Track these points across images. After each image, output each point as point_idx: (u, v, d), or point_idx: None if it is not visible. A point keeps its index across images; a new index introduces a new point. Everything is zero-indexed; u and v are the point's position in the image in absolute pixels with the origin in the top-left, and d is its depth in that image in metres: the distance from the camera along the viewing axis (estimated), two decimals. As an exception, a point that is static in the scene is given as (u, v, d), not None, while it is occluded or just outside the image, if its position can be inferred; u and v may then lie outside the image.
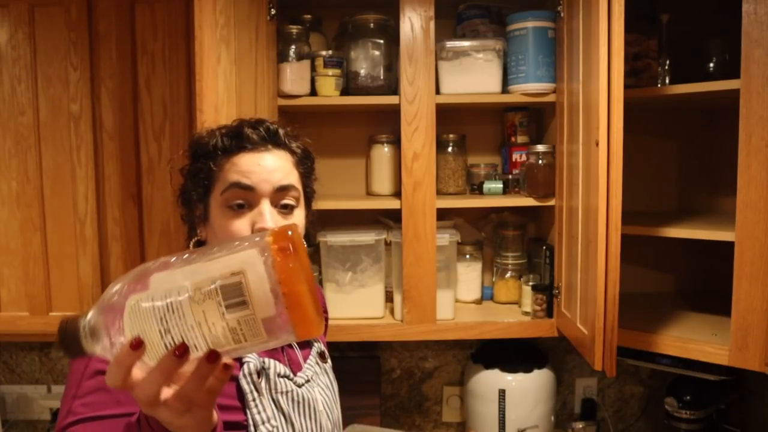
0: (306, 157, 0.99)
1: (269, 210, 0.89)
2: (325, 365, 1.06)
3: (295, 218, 0.93)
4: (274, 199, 0.90)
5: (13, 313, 1.59)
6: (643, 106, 1.66)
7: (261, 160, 0.90)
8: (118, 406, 0.76)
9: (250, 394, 0.88)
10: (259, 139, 0.92)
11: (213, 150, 0.91)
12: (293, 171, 0.94)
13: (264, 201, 0.89)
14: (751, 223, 1.21)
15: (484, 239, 1.85)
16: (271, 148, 0.92)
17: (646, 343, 1.42)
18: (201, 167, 0.92)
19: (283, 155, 0.94)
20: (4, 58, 1.53)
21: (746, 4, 1.19)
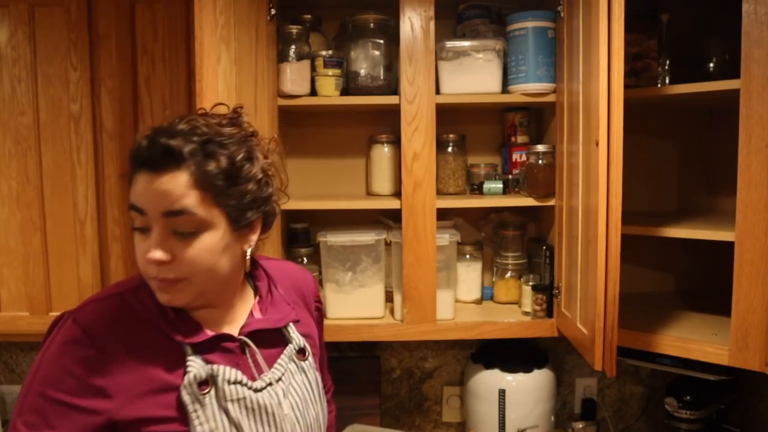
0: (224, 174, 0.85)
1: (157, 240, 0.83)
2: (303, 363, 1.00)
3: (199, 243, 0.84)
4: (169, 225, 0.83)
5: (13, 313, 1.59)
6: (643, 106, 1.66)
7: (151, 182, 0.82)
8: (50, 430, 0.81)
9: (191, 406, 0.85)
10: (151, 156, 0.83)
11: (129, 162, 0.87)
12: (190, 193, 0.82)
13: (155, 226, 0.83)
14: (751, 223, 1.21)
15: (484, 239, 1.85)
16: (166, 168, 0.82)
17: (646, 343, 1.42)
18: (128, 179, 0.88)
19: (179, 176, 0.82)
20: (4, 58, 1.53)
21: (746, 4, 1.19)
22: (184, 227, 0.83)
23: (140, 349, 0.86)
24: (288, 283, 1.08)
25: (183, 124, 0.86)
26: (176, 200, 0.82)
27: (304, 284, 1.12)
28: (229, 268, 0.90)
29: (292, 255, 1.75)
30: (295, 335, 1.00)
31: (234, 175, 0.86)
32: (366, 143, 1.80)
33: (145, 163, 0.83)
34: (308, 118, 1.84)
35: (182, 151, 0.82)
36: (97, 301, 0.89)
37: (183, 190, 0.82)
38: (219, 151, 0.85)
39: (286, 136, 1.80)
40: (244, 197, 0.88)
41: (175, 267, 0.84)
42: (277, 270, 1.07)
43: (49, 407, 0.82)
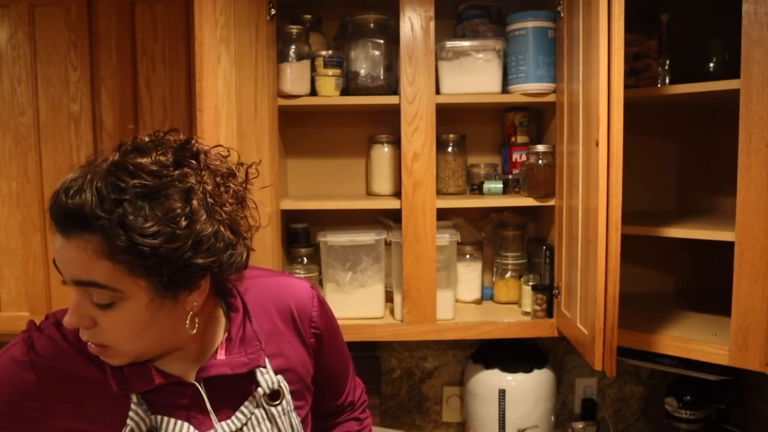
0: (140, 246, 0.69)
1: (73, 305, 0.75)
2: (273, 408, 0.88)
3: (117, 313, 0.74)
4: (84, 292, 0.75)
5: (13, 313, 1.59)
6: (643, 106, 1.66)
7: (61, 246, 0.73)
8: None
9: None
10: (56, 217, 0.71)
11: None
12: (99, 264, 0.71)
13: (73, 291, 0.75)
14: (751, 223, 1.21)
15: (484, 239, 1.85)
16: (72, 233, 0.71)
17: (646, 343, 1.42)
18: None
19: (86, 243, 0.70)
20: (4, 58, 1.53)
21: (746, 4, 1.19)
22: (97, 298, 0.73)
23: (84, 387, 0.81)
24: (273, 308, 0.94)
25: (105, 175, 0.71)
26: (83, 271, 0.72)
27: (296, 307, 0.96)
28: (167, 332, 0.79)
29: (292, 255, 1.75)
30: (266, 377, 0.88)
31: (157, 245, 0.70)
32: (366, 143, 1.80)
33: (55, 223, 0.72)
34: (308, 118, 1.84)
35: (88, 215, 0.69)
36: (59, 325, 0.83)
37: (89, 261, 0.71)
38: (137, 217, 0.69)
39: (286, 136, 1.80)
40: (174, 265, 0.72)
41: (97, 333, 0.76)
42: (263, 292, 0.94)
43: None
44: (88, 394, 0.82)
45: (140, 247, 0.69)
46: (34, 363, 0.81)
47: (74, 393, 0.81)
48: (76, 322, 0.75)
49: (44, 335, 0.83)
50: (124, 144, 0.75)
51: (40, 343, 0.82)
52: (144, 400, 0.82)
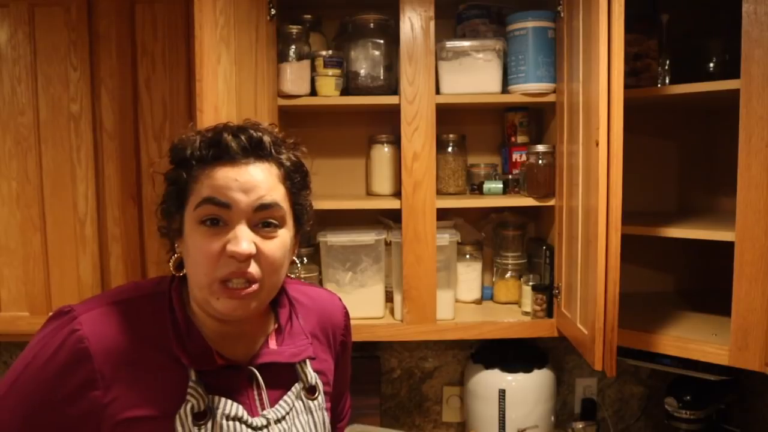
0: (296, 170, 0.89)
1: (245, 233, 0.80)
2: (311, 402, 0.93)
3: (278, 239, 0.84)
4: (253, 219, 0.82)
5: (13, 313, 1.59)
6: (643, 106, 1.66)
7: (240, 175, 0.81)
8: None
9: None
10: (239, 149, 0.82)
11: (189, 158, 0.82)
12: (278, 187, 0.85)
13: (241, 221, 0.81)
14: (751, 223, 1.21)
15: (484, 239, 1.85)
16: (253, 161, 0.83)
17: (646, 343, 1.42)
18: (177, 176, 0.84)
19: (267, 168, 0.84)
20: (4, 58, 1.53)
21: (746, 4, 1.19)
22: (272, 220, 0.83)
23: (142, 367, 0.82)
24: (313, 313, 1.01)
25: (249, 125, 0.86)
26: (269, 192, 0.82)
27: (331, 316, 1.04)
28: (284, 273, 0.88)
29: (292, 255, 1.75)
30: (308, 371, 0.94)
31: (305, 176, 0.91)
32: (366, 143, 1.80)
33: (232, 156, 0.81)
34: (308, 118, 1.84)
35: (270, 144, 0.85)
36: (105, 306, 0.84)
37: (274, 182, 0.84)
38: (293, 151, 0.90)
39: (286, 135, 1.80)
40: (307, 200, 0.92)
41: (253, 264, 0.81)
42: (304, 297, 1.01)
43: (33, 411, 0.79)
44: (144, 376, 0.82)
45: (300, 175, 0.89)
46: (91, 351, 0.79)
47: (131, 377, 0.81)
48: (248, 247, 0.79)
49: (92, 322, 0.81)
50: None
51: (91, 330, 0.80)
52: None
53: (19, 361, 0.82)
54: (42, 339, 0.82)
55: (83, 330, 0.80)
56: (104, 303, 0.84)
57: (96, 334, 0.80)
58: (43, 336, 0.82)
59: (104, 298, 0.86)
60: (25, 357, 0.82)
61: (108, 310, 0.83)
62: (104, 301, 0.85)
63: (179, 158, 0.84)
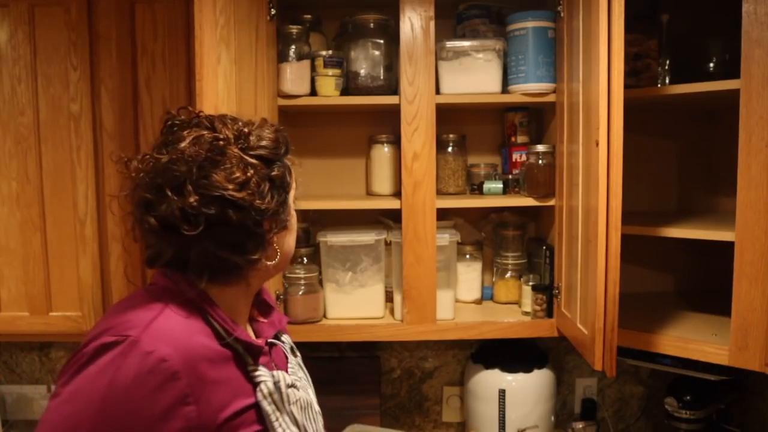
0: None
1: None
2: (297, 359, 1.02)
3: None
4: None
5: (13, 313, 1.59)
6: (643, 106, 1.66)
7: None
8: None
9: (273, 415, 0.84)
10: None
11: (286, 152, 0.91)
12: None
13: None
14: (751, 223, 1.21)
15: (484, 239, 1.85)
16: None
17: (646, 343, 1.42)
18: (285, 169, 0.89)
19: None
20: (4, 58, 1.53)
21: (746, 4, 1.19)
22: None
23: (213, 366, 0.80)
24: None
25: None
26: None
27: (266, 289, 1.08)
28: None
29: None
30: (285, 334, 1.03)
31: None
32: (366, 143, 1.80)
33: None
34: (308, 118, 1.84)
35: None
36: (158, 317, 0.78)
37: None
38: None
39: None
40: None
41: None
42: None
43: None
44: (217, 374, 0.80)
45: None
46: (175, 368, 0.74)
47: (210, 379, 0.79)
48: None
49: (158, 338, 0.76)
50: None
51: (166, 346, 0.75)
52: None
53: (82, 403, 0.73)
54: (108, 375, 0.73)
55: (157, 350, 0.74)
56: (151, 319, 0.78)
57: (171, 348, 0.75)
58: (107, 371, 0.73)
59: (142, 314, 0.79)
60: (93, 397, 0.72)
61: (162, 323, 0.78)
62: (148, 317, 0.78)
63: (281, 152, 0.89)
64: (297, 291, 1.63)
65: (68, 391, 0.74)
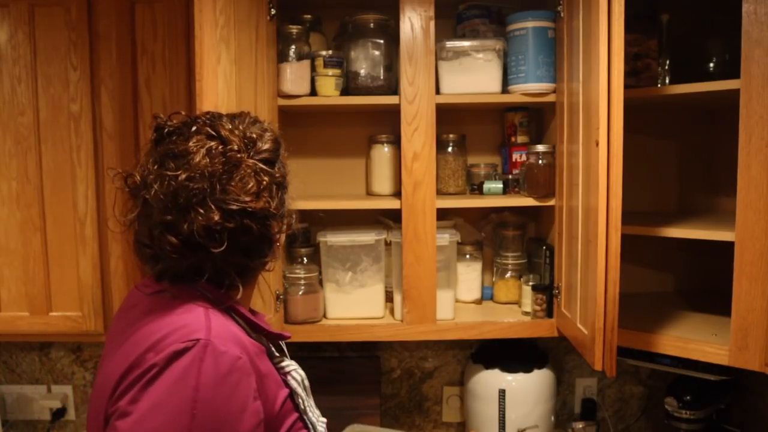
0: None
1: None
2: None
3: None
4: None
5: (13, 313, 1.59)
6: (643, 106, 1.66)
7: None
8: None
9: (306, 401, 0.89)
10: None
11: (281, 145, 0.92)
12: None
13: None
14: (751, 223, 1.21)
15: (484, 239, 1.85)
16: None
17: (646, 343, 1.42)
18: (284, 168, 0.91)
19: None
20: (4, 58, 1.53)
21: (746, 4, 1.19)
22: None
23: (262, 363, 0.82)
24: None
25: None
26: None
27: None
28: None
29: (292, 255, 1.75)
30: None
31: None
32: (366, 143, 1.80)
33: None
34: (308, 118, 1.84)
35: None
36: (211, 319, 0.78)
37: None
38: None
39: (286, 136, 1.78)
40: None
41: None
42: None
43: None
44: (266, 369, 0.83)
45: None
46: (248, 365, 0.76)
47: (264, 373, 0.81)
48: None
49: (222, 336, 0.76)
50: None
51: (234, 345, 0.76)
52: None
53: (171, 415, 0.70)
54: (191, 380, 0.71)
55: (231, 348, 0.75)
56: (207, 321, 0.77)
57: (236, 345, 0.76)
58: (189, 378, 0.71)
59: (196, 317, 0.78)
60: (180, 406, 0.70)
61: (216, 324, 0.78)
62: (205, 320, 0.77)
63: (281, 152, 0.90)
64: (297, 291, 1.63)
65: (145, 406, 0.70)
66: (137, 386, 0.71)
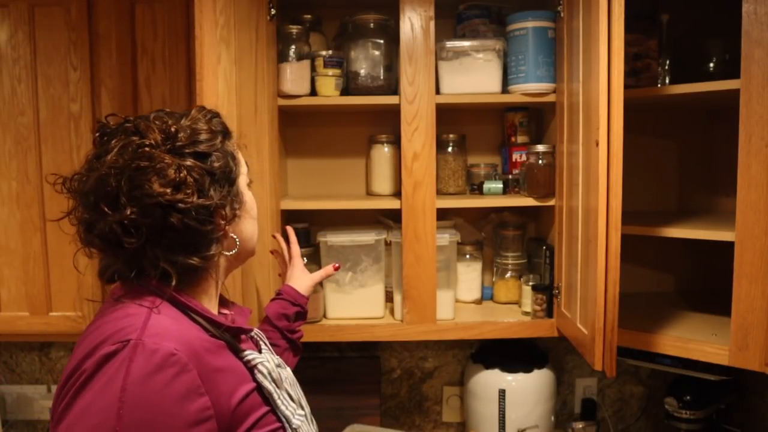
0: None
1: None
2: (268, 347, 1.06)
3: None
4: None
5: (13, 313, 1.59)
6: (643, 106, 1.66)
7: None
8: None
9: (276, 393, 0.86)
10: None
11: (226, 136, 0.90)
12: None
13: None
14: (751, 223, 1.21)
15: (484, 239, 1.85)
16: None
17: (646, 343, 1.42)
18: (228, 157, 0.88)
19: None
20: (4, 58, 1.53)
21: (746, 4, 1.19)
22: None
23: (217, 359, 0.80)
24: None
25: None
26: None
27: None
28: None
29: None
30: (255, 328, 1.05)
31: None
32: (366, 143, 1.80)
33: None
34: (308, 118, 1.84)
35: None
36: (151, 319, 0.77)
37: None
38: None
39: (286, 136, 1.80)
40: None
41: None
42: None
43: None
44: (217, 362, 0.80)
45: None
46: (185, 360, 0.74)
47: (212, 368, 0.78)
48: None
49: (158, 335, 0.75)
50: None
51: (169, 342, 0.74)
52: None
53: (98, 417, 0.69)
54: (118, 381, 0.70)
55: (162, 345, 0.73)
56: (145, 321, 0.77)
57: (174, 342, 0.74)
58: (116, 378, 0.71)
59: (134, 320, 0.77)
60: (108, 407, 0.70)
61: (156, 323, 0.77)
62: (142, 320, 0.77)
63: (218, 142, 0.87)
64: (297, 291, 1.63)
65: (75, 411, 0.70)
66: (71, 392, 0.71)
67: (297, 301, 1.29)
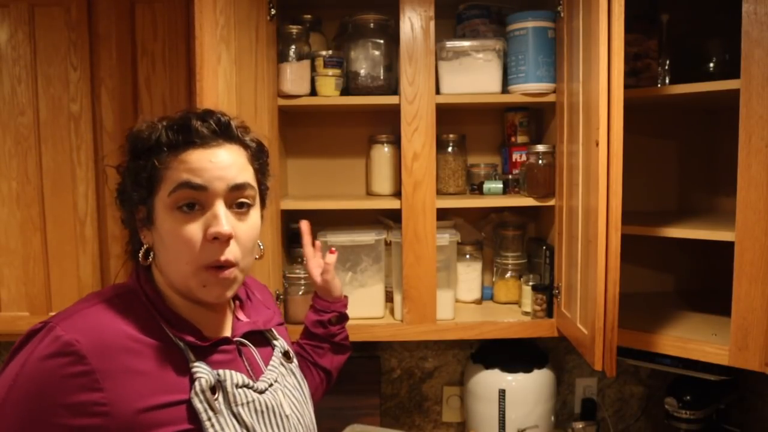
0: (260, 151, 0.92)
1: (224, 212, 0.82)
2: (290, 365, 1.00)
3: (251, 219, 0.87)
4: (228, 199, 0.83)
5: (13, 313, 1.59)
6: (643, 106, 1.66)
7: (213, 156, 0.82)
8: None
9: (204, 414, 0.80)
10: (209, 132, 0.83)
11: (156, 145, 0.82)
12: (248, 167, 0.87)
13: (218, 201, 0.82)
14: (751, 223, 1.21)
15: (484, 239, 1.85)
16: (223, 143, 0.85)
17: (646, 343, 1.42)
18: (142, 165, 0.82)
19: (237, 150, 0.86)
20: (4, 58, 1.53)
21: (746, 4, 1.19)
22: (246, 200, 0.86)
23: (139, 359, 0.79)
24: (259, 289, 1.11)
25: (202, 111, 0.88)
26: (240, 172, 0.85)
27: (268, 293, 1.16)
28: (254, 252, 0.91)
29: (292, 255, 1.75)
30: (279, 338, 1.01)
31: (267, 157, 0.95)
32: (366, 143, 1.80)
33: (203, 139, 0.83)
34: (308, 118, 1.84)
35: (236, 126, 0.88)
36: (80, 312, 0.81)
37: (245, 163, 0.87)
38: (251, 134, 0.92)
39: (286, 136, 1.80)
40: (267, 180, 0.95)
41: (233, 246, 0.83)
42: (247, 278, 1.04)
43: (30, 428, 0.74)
44: (145, 367, 0.79)
45: (263, 156, 0.93)
46: (82, 352, 0.75)
47: (132, 369, 0.78)
48: (229, 227, 0.82)
49: (73, 327, 0.78)
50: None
51: (75, 332, 0.77)
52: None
53: (4, 379, 0.78)
54: (25, 355, 0.77)
55: (68, 334, 0.76)
56: (78, 310, 0.81)
57: (83, 334, 0.77)
58: (25, 352, 0.77)
59: (75, 307, 0.83)
60: (10, 374, 0.77)
61: (85, 313, 0.81)
62: (76, 309, 0.82)
63: (144, 147, 0.83)
64: (297, 291, 1.63)
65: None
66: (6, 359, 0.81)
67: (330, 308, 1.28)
